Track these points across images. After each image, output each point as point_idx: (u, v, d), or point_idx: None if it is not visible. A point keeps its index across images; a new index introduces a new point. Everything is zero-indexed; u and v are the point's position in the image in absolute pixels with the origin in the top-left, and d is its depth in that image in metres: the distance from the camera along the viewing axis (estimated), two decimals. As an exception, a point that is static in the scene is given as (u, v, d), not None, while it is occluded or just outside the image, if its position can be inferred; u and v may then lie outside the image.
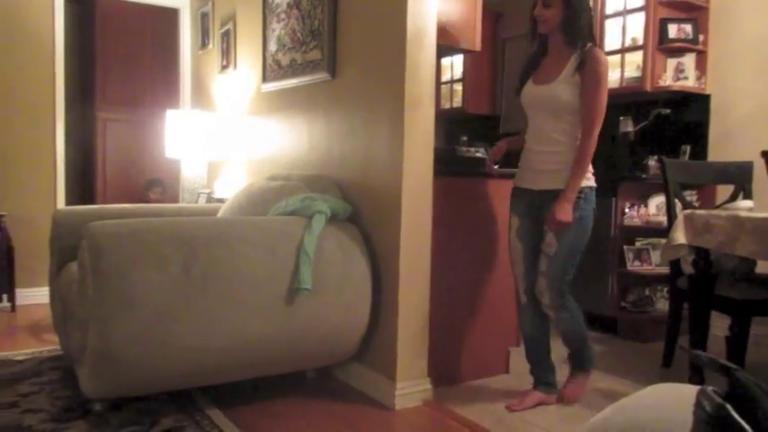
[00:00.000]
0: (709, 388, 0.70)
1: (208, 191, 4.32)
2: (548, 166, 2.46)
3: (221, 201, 3.68)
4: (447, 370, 2.76)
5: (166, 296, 2.14)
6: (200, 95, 4.71)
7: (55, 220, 3.03)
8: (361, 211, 2.72)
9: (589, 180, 2.46)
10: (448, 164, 2.77)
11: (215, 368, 2.32)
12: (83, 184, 5.67)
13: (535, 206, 2.49)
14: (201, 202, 4.20)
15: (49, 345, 3.23)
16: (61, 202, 4.31)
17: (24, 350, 3.15)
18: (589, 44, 2.41)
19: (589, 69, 2.36)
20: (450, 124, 5.57)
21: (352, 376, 2.75)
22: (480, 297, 2.88)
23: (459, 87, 5.44)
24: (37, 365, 2.90)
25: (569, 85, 2.39)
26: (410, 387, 2.54)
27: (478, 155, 2.96)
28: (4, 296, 4.00)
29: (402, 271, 2.52)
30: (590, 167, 2.46)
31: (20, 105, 4.16)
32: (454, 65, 5.45)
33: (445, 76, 5.48)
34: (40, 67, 4.22)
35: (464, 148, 3.01)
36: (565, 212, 2.36)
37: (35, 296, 4.06)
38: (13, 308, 4.00)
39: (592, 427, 0.92)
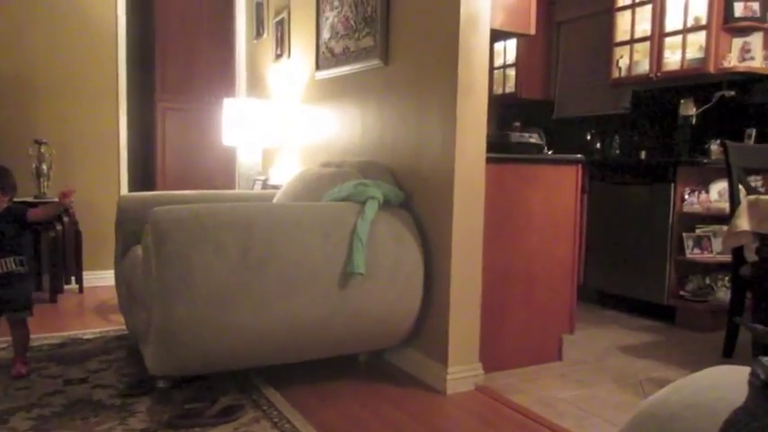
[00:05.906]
0: (765, 358, 0.71)
1: (263, 177, 4.42)
2: None
3: (276, 187, 3.75)
4: (499, 356, 2.76)
5: (225, 279, 2.21)
6: (256, 84, 4.80)
7: (120, 205, 3.16)
8: (413, 198, 2.73)
9: None
10: (500, 150, 2.76)
11: (271, 350, 2.39)
12: (144, 171, 5.87)
13: None
14: (257, 189, 4.30)
15: (115, 325, 3.38)
16: (124, 189, 4.48)
17: (92, 329, 3.31)
18: None
19: None
20: (503, 109, 5.51)
21: (404, 360, 2.78)
22: (534, 283, 2.86)
23: (512, 72, 5.37)
24: (104, 344, 3.05)
25: None
26: (461, 372, 2.55)
27: (532, 140, 2.93)
28: (73, 278, 4.20)
29: (454, 257, 2.53)
30: None
31: (85, 95, 4.33)
32: (507, 49, 5.38)
33: (498, 61, 5.42)
34: (104, 57, 4.38)
35: (517, 134, 2.99)
36: None
37: (101, 278, 4.25)
38: (81, 289, 4.20)
39: (648, 407, 0.91)
